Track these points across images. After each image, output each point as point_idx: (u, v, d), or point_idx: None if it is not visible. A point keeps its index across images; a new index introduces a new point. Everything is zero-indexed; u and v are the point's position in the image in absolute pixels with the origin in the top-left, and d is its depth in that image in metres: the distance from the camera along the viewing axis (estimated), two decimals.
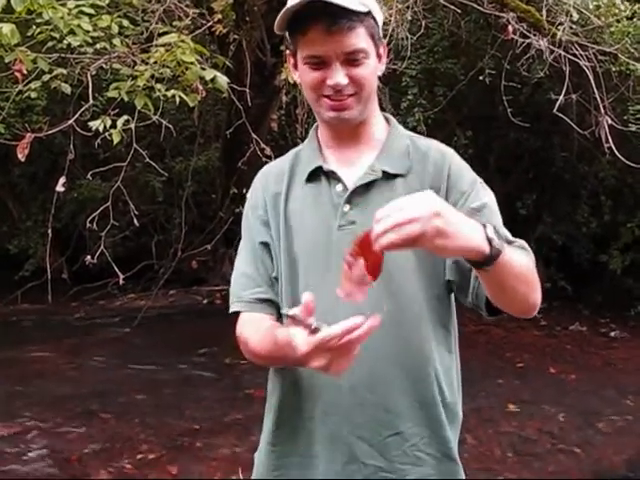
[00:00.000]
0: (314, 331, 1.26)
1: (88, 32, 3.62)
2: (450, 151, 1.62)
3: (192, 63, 3.62)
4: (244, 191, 6.47)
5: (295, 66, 1.54)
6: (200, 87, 3.87)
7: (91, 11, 3.77)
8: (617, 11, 5.89)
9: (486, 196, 1.56)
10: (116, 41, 3.91)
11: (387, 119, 1.66)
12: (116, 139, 3.43)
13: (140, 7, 5.06)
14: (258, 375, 5.50)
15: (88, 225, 4.29)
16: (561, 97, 5.47)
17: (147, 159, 4.18)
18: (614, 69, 5.88)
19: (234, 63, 5.47)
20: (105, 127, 3.46)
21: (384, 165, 1.55)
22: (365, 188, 1.54)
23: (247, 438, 4.28)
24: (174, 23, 4.60)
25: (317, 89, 1.50)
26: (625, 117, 5.92)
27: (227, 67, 4.97)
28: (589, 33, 5.90)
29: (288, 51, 1.54)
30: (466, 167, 1.61)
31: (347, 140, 1.59)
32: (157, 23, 4.49)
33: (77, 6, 3.70)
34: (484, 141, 7.93)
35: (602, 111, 5.59)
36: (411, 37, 5.40)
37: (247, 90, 4.94)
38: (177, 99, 3.62)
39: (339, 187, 1.55)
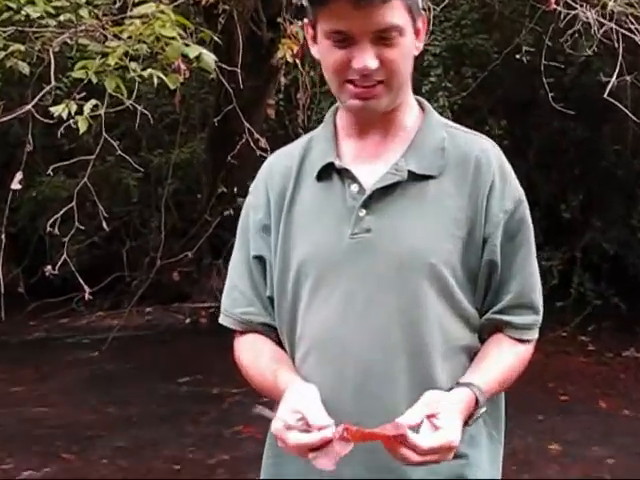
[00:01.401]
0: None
1: (50, 1, 3.66)
2: (497, 152, 1.59)
3: (173, 38, 3.64)
4: (234, 190, 6.50)
5: (314, 39, 1.52)
6: (183, 66, 3.90)
7: None
8: None
9: (527, 229, 1.58)
10: (83, 12, 3.93)
11: (421, 105, 1.62)
12: (83, 127, 3.45)
13: None
14: (249, 409, 5.49)
15: (49, 229, 4.30)
16: (613, 79, 5.47)
17: (119, 152, 4.19)
18: None
19: (224, 38, 5.50)
20: (70, 113, 3.49)
21: (411, 163, 1.51)
22: (386, 191, 1.51)
23: None
24: None
25: (340, 72, 1.47)
26: None
27: (215, 43, 5.00)
28: None
29: (306, 20, 1.54)
30: (513, 176, 1.59)
31: (371, 130, 1.56)
32: None
33: None
34: (521, 131, 7.95)
35: None
36: (434, 8, 5.43)
37: (239, 70, 4.97)
38: (155, 80, 3.64)
39: (354, 188, 1.52)
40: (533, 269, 1.59)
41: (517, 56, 6.33)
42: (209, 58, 3.58)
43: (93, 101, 3.54)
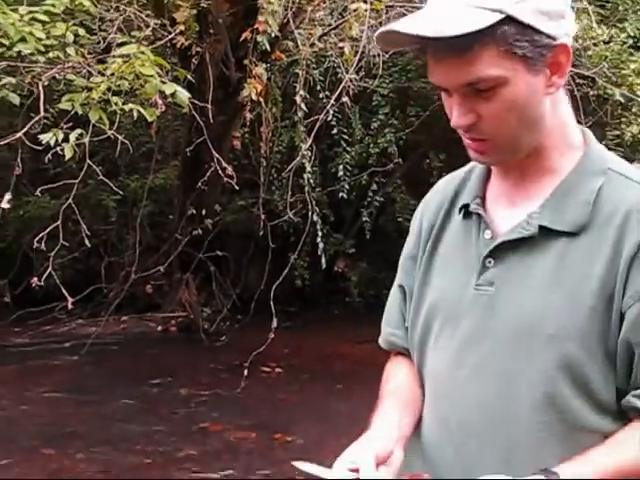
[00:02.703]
0: None
1: (40, 40, 3.62)
2: None
3: (151, 76, 3.64)
4: (203, 212, 6.48)
5: None
6: (159, 101, 3.89)
7: (45, 18, 3.78)
8: (594, 35, 6.06)
9: None
10: (70, 50, 3.92)
11: (585, 138, 1.27)
12: (69, 154, 3.43)
13: (98, 15, 5.08)
14: (214, 408, 5.49)
15: (35, 245, 4.25)
16: None
17: (101, 176, 4.16)
18: (592, 93, 6.04)
19: (196, 77, 5.50)
20: (57, 141, 3.46)
21: (546, 217, 1.20)
22: (515, 243, 1.22)
23: (202, 475, 4.26)
24: (133, 33, 4.61)
25: (452, 125, 1.21)
26: (604, 142, 6.04)
27: (189, 81, 5.00)
28: None
29: None
30: None
31: (511, 172, 1.27)
32: (115, 33, 4.52)
33: (30, 12, 3.71)
34: (459, 164, 7.99)
35: None
36: (383, 55, 5.49)
37: (209, 106, 4.97)
38: (135, 113, 3.63)
39: (487, 234, 1.25)
40: None
41: None
42: (183, 94, 3.58)
43: (78, 130, 3.51)
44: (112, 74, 3.60)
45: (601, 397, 1.19)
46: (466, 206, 1.30)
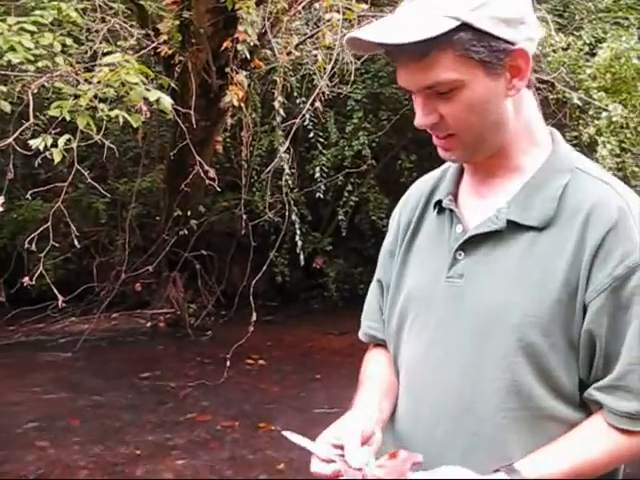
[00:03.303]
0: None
1: (29, 49, 3.56)
2: (623, 204, 1.17)
3: (136, 84, 3.58)
4: (188, 213, 6.43)
5: None
6: (144, 108, 3.83)
7: (33, 28, 3.71)
8: (553, 42, 6.08)
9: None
10: (59, 59, 3.85)
11: (553, 138, 1.26)
12: (57, 158, 3.36)
13: (84, 26, 5.01)
14: (201, 399, 5.44)
15: (27, 246, 4.18)
16: None
17: (89, 179, 4.10)
18: (551, 97, 6.05)
19: (179, 85, 5.44)
20: (46, 146, 3.39)
21: (513, 212, 1.20)
22: (484, 237, 1.22)
23: (189, 463, 4.21)
24: (119, 43, 4.56)
25: (416, 124, 1.22)
26: None
27: (172, 89, 4.94)
28: None
29: None
30: (636, 241, 1.14)
31: (480, 169, 1.27)
32: (101, 42, 4.45)
33: (18, 22, 3.64)
34: (429, 165, 7.99)
35: None
36: (355, 62, 5.46)
37: (192, 112, 4.92)
38: (121, 119, 3.57)
39: (459, 228, 1.25)
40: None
41: None
42: (166, 101, 3.53)
43: (67, 136, 3.44)
44: (99, 82, 3.53)
45: (564, 386, 1.18)
46: (440, 202, 1.30)
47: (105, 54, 3.71)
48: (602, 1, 6.63)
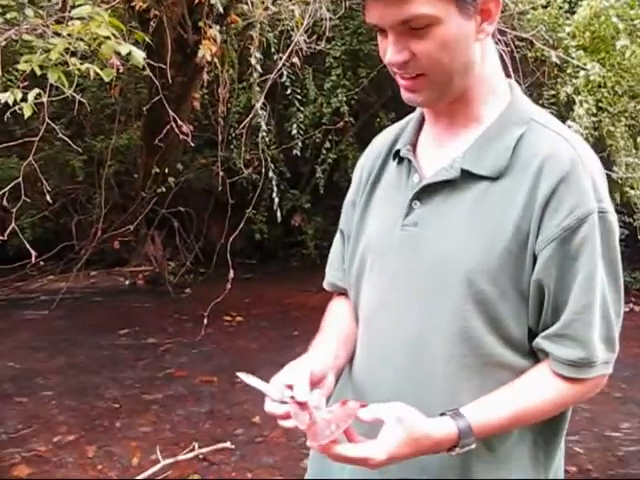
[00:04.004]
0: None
1: None
2: (576, 156, 1.16)
3: (108, 37, 3.50)
4: (166, 171, 6.34)
5: None
6: (117, 62, 3.76)
7: None
8: None
9: (593, 251, 1.15)
10: (28, 11, 3.76)
11: (512, 90, 1.27)
12: (27, 112, 3.29)
13: None
14: (180, 354, 5.47)
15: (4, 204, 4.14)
16: None
17: (60, 134, 4.04)
18: (530, 55, 6.01)
19: (155, 40, 5.34)
20: (15, 100, 3.33)
21: (467, 162, 1.20)
22: (439, 186, 1.22)
23: (167, 417, 4.25)
24: None
25: (387, 63, 1.20)
26: (540, 102, 6.06)
27: (148, 44, 4.85)
28: (507, 19, 6.01)
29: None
30: (587, 187, 1.15)
31: (440, 118, 1.27)
32: None
33: None
34: None
35: None
36: (333, 18, 5.39)
37: (167, 67, 4.84)
38: (92, 73, 3.50)
39: (416, 178, 1.26)
40: (593, 300, 1.16)
41: None
42: (138, 55, 3.45)
43: (37, 90, 3.38)
44: (69, 35, 3.45)
45: (513, 334, 1.19)
46: (398, 152, 1.31)
47: (74, 7, 3.61)
48: None
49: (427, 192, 1.24)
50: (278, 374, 1.22)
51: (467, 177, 1.20)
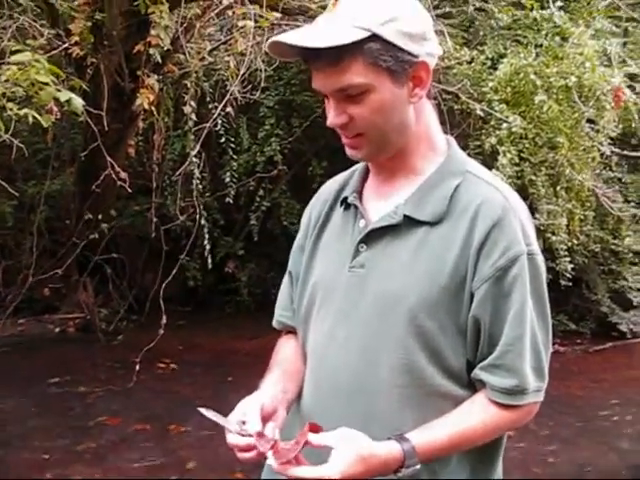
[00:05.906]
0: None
1: None
2: (506, 204, 1.28)
3: (47, 84, 3.50)
4: (99, 217, 6.30)
5: None
6: (55, 108, 3.76)
7: None
8: (458, 55, 6.29)
9: (522, 288, 1.26)
10: None
11: (449, 145, 1.38)
12: None
13: None
14: (112, 402, 5.34)
15: None
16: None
17: None
18: (456, 107, 6.26)
19: (92, 87, 5.35)
20: None
21: (409, 208, 1.30)
22: (383, 231, 1.32)
23: (100, 466, 4.15)
24: (28, 42, 4.44)
25: (328, 124, 1.32)
26: (467, 151, 6.27)
27: (84, 91, 4.85)
28: (434, 73, 6.24)
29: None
30: (516, 231, 1.26)
31: (383, 170, 1.38)
32: (9, 40, 4.33)
33: None
34: (340, 171, 8.12)
35: None
36: (267, 69, 5.51)
37: (104, 114, 4.85)
38: (30, 119, 3.49)
39: (362, 223, 1.35)
40: (523, 332, 1.27)
41: None
42: (77, 102, 3.46)
43: None
44: (7, 80, 3.44)
45: (452, 366, 1.29)
46: (346, 199, 1.41)
47: (13, 52, 3.60)
48: (503, 19, 6.90)
49: (373, 236, 1.33)
50: (235, 409, 1.29)
51: (409, 222, 1.30)
